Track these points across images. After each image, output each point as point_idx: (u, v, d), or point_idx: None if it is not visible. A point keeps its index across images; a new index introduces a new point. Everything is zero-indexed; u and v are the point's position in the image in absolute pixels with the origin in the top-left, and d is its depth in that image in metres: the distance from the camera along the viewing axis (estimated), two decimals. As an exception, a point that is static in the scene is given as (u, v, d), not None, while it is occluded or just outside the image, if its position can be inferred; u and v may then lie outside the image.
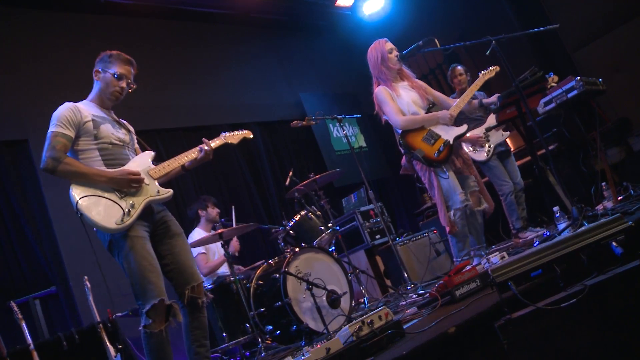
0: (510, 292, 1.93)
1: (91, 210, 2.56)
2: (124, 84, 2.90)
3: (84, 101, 2.90)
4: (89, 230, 2.66)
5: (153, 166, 2.89)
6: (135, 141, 3.07)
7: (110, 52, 2.92)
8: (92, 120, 2.76)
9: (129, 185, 2.69)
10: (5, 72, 5.22)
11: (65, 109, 2.73)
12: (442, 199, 3.82)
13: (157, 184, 2.84)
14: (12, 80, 5.25)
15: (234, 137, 3.30)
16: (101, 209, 2.59)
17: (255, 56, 7.63)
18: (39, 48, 5.49)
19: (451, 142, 3.84)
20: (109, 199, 2.62)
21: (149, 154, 2.95)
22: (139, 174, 2.73)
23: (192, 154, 3.00)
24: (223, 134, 3.26)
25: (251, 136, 3.43)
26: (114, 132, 2.84)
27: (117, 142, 2.83)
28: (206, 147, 2.99)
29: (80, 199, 2.57)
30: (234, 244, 4.93)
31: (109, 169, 2.72)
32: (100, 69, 2.88)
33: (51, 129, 2.68)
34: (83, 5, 5.92)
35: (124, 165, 2.79)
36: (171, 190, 2.85)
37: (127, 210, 2.62)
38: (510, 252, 3.87)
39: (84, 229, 2.66)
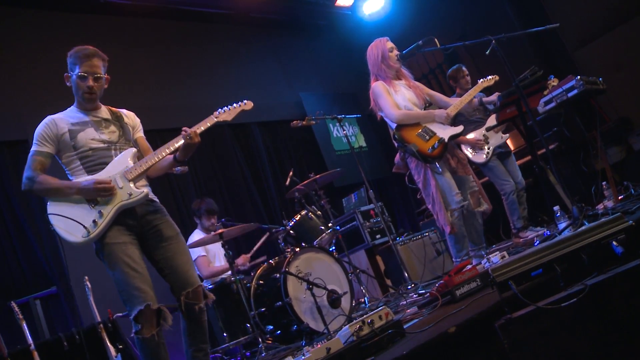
0: (510, 291, 1.92)
1: (60, 225, 2.65)
2: (89, 82, 2.76)
3: (70, 108, 2.88)
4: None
5: (131, 166, 2.78)
6: (135, 132, 2.99)
7: (71, 50, 2.81)
8: (69, 131, 2.74)
9: (97, 195, 2.66)
10: (5, 72, 5.22)
11: (41, 126, 2.76)
12: (440, 197, 3.79)
13: (131, 185, 2.72)
14: (12, 81, 5.25)
15: (228, 113, 3.04)
16: (68, 224, 2.64)
17: (255, 56, 7.63)
18: (39, 48, 5.49)
19: (446, 140, 3.82)
20: (70, 218, 2.65)
21: (129, 153, 2.83)
22: (108, 182, 2.66)
23: (174, 144, 2.82)
24: (216, 111, 3.03)
25: (250, 107, 3.10)
26: (96, 135, 2.78)
27: (99, 146, 2.77)
28: (186, 133, 2.79)
29: (50, 215, 2.67)
30: (243, 259, 4.89)
31: (82, 179, 2.71)
32: (68, 73, 2.80)
33: (32, 148, 2.74)
34: (83, 5, 5.92)
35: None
36: (145, 191, 2.73)
37: (92, 221, 2.63)
38: (511, 252, 3.88)
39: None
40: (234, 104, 3.09)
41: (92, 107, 2.87)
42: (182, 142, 2.81)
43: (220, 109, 3.05)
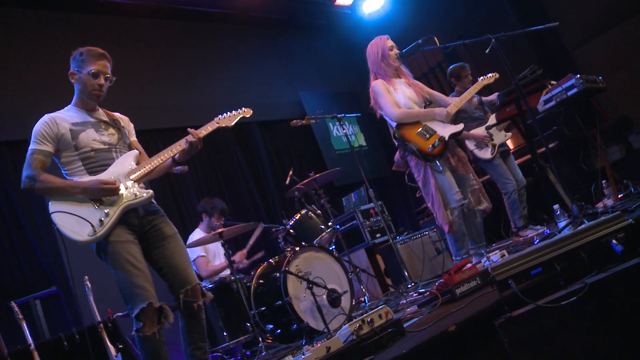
0: (510, 290, 1.92)
1: (64, 224, 2.61)
2: (101, 81, 2.80)
3: (67, 107, 2.86)
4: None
5: (134, 167, 2.81)
6: (130, 135, 3.00)
7: (81, 49, 2.83)
8: (70, 130, 2.73)
9: (102, 195, 2.66)
10: (4, 72, 5.22)
11: (41, 124, 2.72)
12: (439, 196, 3.78)
13: (137, 186, 2.76)
14: (12, 81, 5.25)
15: (229, 119, 3.13)
16: (73, 222, 2.61)
17: (255, 55, 7.62)
18: (38, 48, 5.49)
19: (446, 138, 3.81)
20: (78, 215, 2.62)
21: (132, 155, 2.87)
22: (113, 182, 2.68)
23: (178, 147, 2.88)
24: (217, 117, 3.12)
25: (249, 115, 3.21)
26: (97, 136, 2.79)
27: (100, 147, 2.78)
28: (192, 139, 2.86)
29: (53, 213, 2.63)
30: (240, 256, 4.88)
31: (85, 179, 2.69)
32: (75, 70, 2.80)
33: (30, 146, 2.69)
34: (83, 5, 5.92)
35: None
36: (150, 192, 2.77)
37: (99, 220, 2.61)
38: (511, 250, 3.88)
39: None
40: (234, 111, 3.17)
41: (93, 106, 2.88)
42: (185, 146, 2.85)
43: (220, 115, 3.14)
